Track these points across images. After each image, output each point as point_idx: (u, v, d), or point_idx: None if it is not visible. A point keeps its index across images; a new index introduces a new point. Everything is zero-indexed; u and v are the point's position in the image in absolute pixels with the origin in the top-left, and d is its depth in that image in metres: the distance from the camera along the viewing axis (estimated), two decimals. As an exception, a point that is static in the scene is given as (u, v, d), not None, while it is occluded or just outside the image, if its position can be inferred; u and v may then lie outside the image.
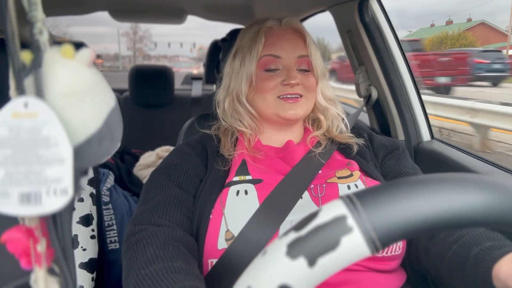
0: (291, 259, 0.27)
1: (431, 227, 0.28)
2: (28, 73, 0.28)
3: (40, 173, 0.28)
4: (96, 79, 0.31)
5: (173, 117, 2.32)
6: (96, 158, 0.31)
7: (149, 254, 0.61)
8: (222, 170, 0.78)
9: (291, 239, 0.28)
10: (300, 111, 0.81)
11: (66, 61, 0.29)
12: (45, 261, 0.29)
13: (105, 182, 1.25)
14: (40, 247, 0.29)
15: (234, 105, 0.85)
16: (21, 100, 0.28)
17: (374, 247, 0.27)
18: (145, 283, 0.56)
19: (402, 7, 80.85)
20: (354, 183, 0.75)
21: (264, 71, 0.81)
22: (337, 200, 0.29)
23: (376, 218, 0.27)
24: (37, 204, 0.27)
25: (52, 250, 0.29)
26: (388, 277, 0.70)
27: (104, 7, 2.02)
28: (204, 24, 76.06)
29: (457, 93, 9.36)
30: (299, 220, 0.30)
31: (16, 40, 0.28)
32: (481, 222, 0.28)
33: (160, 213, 0.70)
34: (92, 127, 0.30)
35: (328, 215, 0.28)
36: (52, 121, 0.28)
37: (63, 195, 0.28)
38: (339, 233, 0.27)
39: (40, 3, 0.28)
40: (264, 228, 0.68)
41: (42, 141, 0.28)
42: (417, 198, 0.28)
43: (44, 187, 0.28)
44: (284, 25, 0.84)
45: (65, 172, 0.28)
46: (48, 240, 0.29)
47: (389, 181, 0.30)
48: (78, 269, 0.92)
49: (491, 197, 0.28)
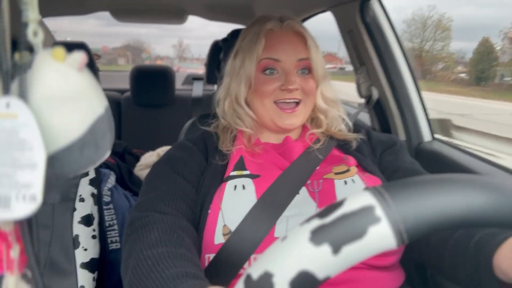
0: (315, 245, 0.27)
1: (457, 223, 0.28)
2: (18, 74, 0.28)
3: (12, 176, 0.27)
4: (85, 84, 0.30)
5: (174, 117, 2.31)
6: (78, 165, 0.30)
7: (153, 238, 0.60)
8: (220, 165, 0.78)
9: (315, 225, 0.28)
10: (297, 121, 0.82)
11: (56, 64, 0.29)
12: (17, 267, 0.28)
13: (106, 182, 1.25)
14: (13, 252, 0.28)
15: (233, 105, 0.85)
16: (4, 100, 0.27)
17: (400, 239, 0.27)
18: (145, 264, 0.56)
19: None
20: (351, 178, 0.75)
21: (263, 74, 0.81)
22: (364, 191, 0.29)
23: (405, 210, 0.28)
24: (5, 208, 0.27)
25: (25, 256, 0.28)
26: (387, 275, 0.70)
27: (105, 7, 2.03)
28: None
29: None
30: (322, 208, 0.30)
31: (7, 40, 0.27)
32: (505, 223, 0.29)
33: (166, 201, 0.69)
34: (74, 133, 0.29)
35: (355, 204, 0.28)
36: (31, 124, 0.27)
37: (31, 202, 0.27)
38: (367, 222, 0.27)
39: (35, 4, 0.28)
40: (261, 223, 0.68)
41: (18, 144, 0.27)
42: (445, 194, 0.28)
43: (14, 191, 0.27)
44: (285, 27, 0.84)
45: (36, 178, 0.27)
46: (22, 246, 0.28)
47: (416, 176, 0.31)
48: (79, 269, 0.92)
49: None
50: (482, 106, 9.61)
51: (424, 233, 0.28)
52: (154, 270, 0.54)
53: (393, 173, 0.81)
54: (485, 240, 0.55)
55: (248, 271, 0.29)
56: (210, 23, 2.41)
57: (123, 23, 2.56)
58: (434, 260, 0.68)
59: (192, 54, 73.09)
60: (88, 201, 0.97)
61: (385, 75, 1.28)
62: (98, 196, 1.01)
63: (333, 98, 0.87)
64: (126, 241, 0.64)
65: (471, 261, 0.56)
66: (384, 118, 1.35)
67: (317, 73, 0.83)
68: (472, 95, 10.54)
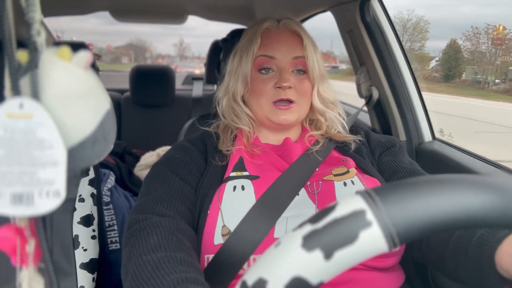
0: (307, 251, 0.27)
1: (449, 225, 0.28)
2: (24, 74, 0.28)
3: (33, 174, 0.28)
4: (92, 82, 0.31)
5: (173, 117, 2.31)
6: (88, 160, 0.31)
7: (153, 242, 0.60)
8: (220, 165, 0.78)
9: (307, 231, 0.28)
10: (292, 117, 0.81)
11: (63, 63, 0.29)
12: (32, 261, 0.29)
13: (106, 182, 1.25)
14: (28, 247, 0.29)
15: (231, 103, 0.86)
16: (16, 101, 0.28)
17: (392, 243, 0.27)
18: (145, 269, 0.56)
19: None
20: (350, 180, 0.75)
21: (259, 73, 0.82)
22: (355, 195, 0.29)
23: (396, 213, 0.28)
24: (29, 204, 0.28)
25: (40, 251, 0.29)
26: (387, 276, 0.70)
27: (105, 7, 2.03)
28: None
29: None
30: (314, 213, 0.30)
31: (13, 40, 0.28)
32: (498, 222, 0.29)
33: (165, 203, 0.69)
34: (87, 129, 0.30)
35: (346, 209, 0.28)
36: (47, 124, 0.28)
37: (55, 197, 0.28)
38: (358, 227, 0.27)
39: (38, 4, 0.28)
40: (260, 224, 0.68)
41: (37, 143, 0.28)
42: (436, 196, 0.28)
43: (36, 188, 0.28)
44: (282, 26, 0.84)
45: (58, 175, 0.28)
46: (37, 241, 0.29)
47: (408, 178, 0.30)
48: (78, 270, 0.92)
49: (506, 201, 0.28)
50: (439, 100, 10.27)
51: (416, 236, 0.28)
52: (154, 275, 0.54)
53: (392, 174, 0.82)
54: (486, 237, 0.55)
55: (244, 277, 0.29)
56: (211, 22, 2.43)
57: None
58: (435, 260, 0.68)
59: (192, 52, 74.84)
60: (88, 201, 0.97)
61: (385, 75, 1.28)
62: (97, 197, 1.01)
63: (331, 99, 0.87)
64: (125, 244, 0.64)
65: (473, 260, 0.56)
66: (385, 118, 1.35)
67: (313, 73, 0.82)
68: (438, 91, 11.48)
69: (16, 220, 0.29)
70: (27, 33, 0.28)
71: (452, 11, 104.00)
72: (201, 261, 0.71)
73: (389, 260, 0.70)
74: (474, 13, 78.49)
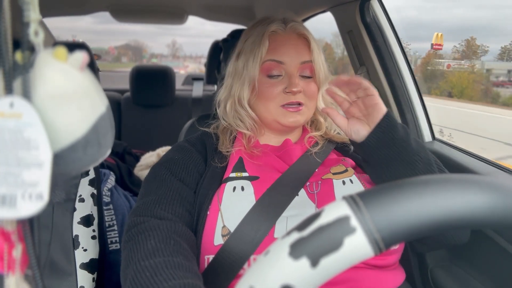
0: (294, 259, 0.27)
1: (435, 228, 0.28)
2: (19, 73, 0.28)
3: (18, 175, 0.27)
4: (87, 83, 0.30)
5: (174, 118, 2.32)
6: (81, 164, 0.30)
7: (150, 247, 0.60)
8: (219, 166, 0.78)
9: (293, 239, 0.28)
10: (301, 119, 0.82)
11: (58, 64, 0.29)
12: (19, 267, 0.28)
13: (106, 182, 1.25)
14: (15, 252, 0.28)
15: (235, 107, 0.85)
16: (7, 100, 0.27)
17: (377, 248, 0.27)
18: (143, 275, 0.56)
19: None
20: (349, 178, 0.75)
21: (267, 77, 0.81)
22: (340, 201, 0.29)
23: (380, 218, 0.27)
24: (11, 207, 0.27)
25: (27, 256, 0.28)
26: (387, 274, 0.70)
27: (105, 8, 2.03)
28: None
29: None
30: (301, 220, 0.30)
31: (9, 39, 0.27)
32: (485, 223, 0.28)
33: (163, 206, 0.69)
34: (78, 132, 0.29)
35: (331, 215, 0.28)
36: (36, 124, 0.27)
37: (38, 200, 0.27)
38: (342, 233, 0.27)
39: (36, 4, 0.28)
40: (260, 224, 0.68)
41: (24, 143, 0.27)
42: (420, 199, 0.28)
43: (20, 190, 0.27)
44: (289, 30, 0.83)
45: (42, 177, 0.27)
46: (24, 247, 0.28)
47: (392, 181, 0.30)
48: (79, 270, 0.92)
49: (494, 198, 0.28)
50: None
51: (402, 239, 0.28)
52: (153, 281, 0.54)
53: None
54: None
55: (236, 286, 0.29)
56: (206, 22, 2.42)
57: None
58: (436, 243, 0.74)
59: (184, 52, 75.92)
60: (88, 202, 0.97)
61: (385, 75, 1.28)
62: (98, 197, 1.01)
63: (331, 100, 0.87)
64: (124, 248, 0.64)
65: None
66: (384, 119, 1.35)
67: (319, 76, 0.83)
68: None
69: (3, 224, 0.28)
70: (23, 32, 0.28)
71: (445, 13, 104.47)
72: (201, 261, 0.71)
73: (390, 258, 0.71)
74: (465, 15, 79.30)
